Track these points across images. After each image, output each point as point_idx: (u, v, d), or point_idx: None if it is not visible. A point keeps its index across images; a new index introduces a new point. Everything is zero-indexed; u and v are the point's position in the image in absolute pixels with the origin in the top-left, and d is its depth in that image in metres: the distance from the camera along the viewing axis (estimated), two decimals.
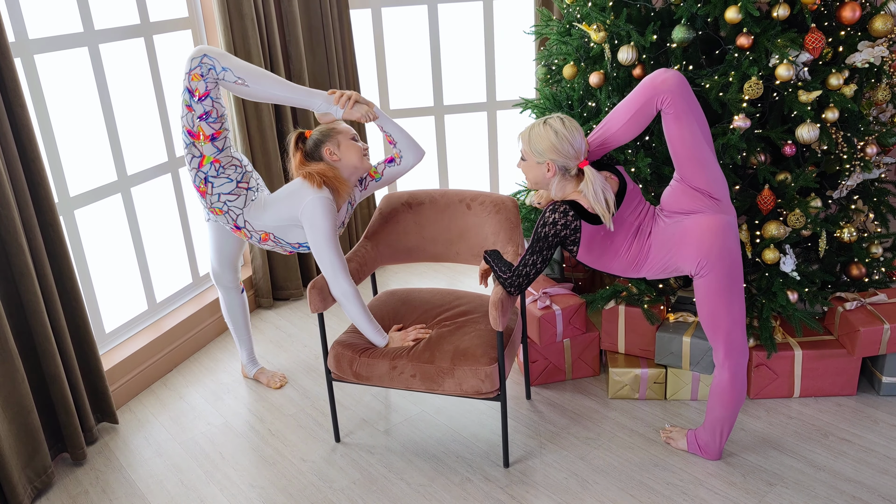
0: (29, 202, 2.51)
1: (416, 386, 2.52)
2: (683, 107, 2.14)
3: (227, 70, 2.44)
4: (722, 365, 2.37)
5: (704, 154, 2.19)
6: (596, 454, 2.64)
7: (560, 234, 2.22)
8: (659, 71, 2.16)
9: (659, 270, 2.34)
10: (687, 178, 2.23)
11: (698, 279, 2.28)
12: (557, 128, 2.19)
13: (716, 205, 2.24)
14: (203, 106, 2.47)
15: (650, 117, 2.21)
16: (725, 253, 2.23)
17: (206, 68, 2.43)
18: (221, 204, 2.61)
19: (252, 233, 2.65)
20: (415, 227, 2.92)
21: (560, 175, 2.23)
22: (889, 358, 2.79)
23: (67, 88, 3.01)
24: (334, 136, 2.58)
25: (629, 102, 2.20)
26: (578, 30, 2.95)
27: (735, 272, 2.25)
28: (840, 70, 2.63)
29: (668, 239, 2.28)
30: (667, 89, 2.12)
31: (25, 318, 2.56)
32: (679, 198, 2.27)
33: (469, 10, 4.31)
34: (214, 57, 2.43)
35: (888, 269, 2.99)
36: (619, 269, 2.36)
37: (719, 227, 2.23)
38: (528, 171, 2.29)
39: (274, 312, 3.91)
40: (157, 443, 2.87)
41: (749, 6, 2.50)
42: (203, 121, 2.49)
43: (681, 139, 2.17)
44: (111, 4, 3.16)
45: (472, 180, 4.71)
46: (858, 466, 2.50)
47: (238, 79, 2.45)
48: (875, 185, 3.02)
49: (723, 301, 2.27)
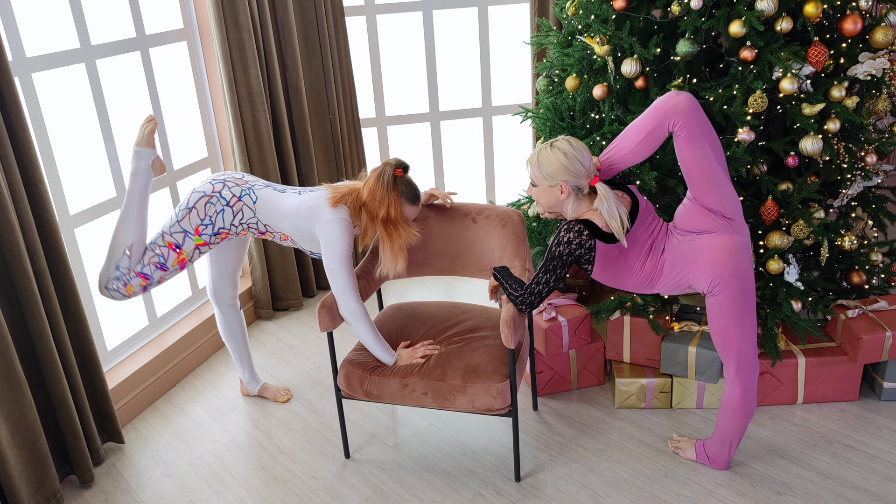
0: (32, 226, 2.48)
1: (428, 403, 2.52)
2: (695, 129, 2.15)
3: (117, 267, 2.58)
4: (733, 380, 2.39)
5: (717, 175, 2.20)
6: (606, 466, 2.66)
7: (575, 253, 2.23)
8: (670, 94, 2.17)
9: (672, 287, 2.36)
10: (700, 199, 2.25)
11: (710, 298, 2.30)
12: (565, 149, 2.20)
13: (729, 224, 2.26)
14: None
15: (661, 139, 2.22)
16: (738, 273, 2.25)
17: (119, 287, 2.59)
18: (243, 226, 2.66)
19: (274, 233, 2.68)
20: (420, 242, 2.91)
21: (574, 195, 2.24)
22: (890, 364, 2.84)
23: (64, 105, 2.97)
24: (415, 210, 2.60)
25: (641, 124, 2.21)
26: (581, 42, 2.95)
27: (748, 291, 2.27)
28: (841, 81, 2.65)
29: (681, 257, 2.30)
30: (678, 112, 2.13)
31: (31, 342, 2.53)
32: (692, 217, 2.28)
33: (464, 15, 4.30)
34: (106, 280, 2.59)
35: (888, 276, 3.04)
36: (633, 286, 2.38)
37: (733, 247, 2.24)
38: (540, 196, 2.29)
39: (274, 324, 3.90)
40: (165, 462, 2.86)
41: (753, 20, 2.52)
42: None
43: (694, 161, 2.18)
44: (106, 19, 3.12)
45: (468, 186, 4.71)
46: (864, 474, 2.54)
47: (125, 251, 2.59)
48: (873, 192, 3.06)
49: (735, 319, 2.29)
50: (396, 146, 4.55)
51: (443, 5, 4.17)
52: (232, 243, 2.87)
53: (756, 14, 2.53)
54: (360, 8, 4.12)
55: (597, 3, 2.87)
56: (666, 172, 2.81)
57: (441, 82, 4.42)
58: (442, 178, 4.57)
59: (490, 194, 4.70)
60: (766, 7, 2.52)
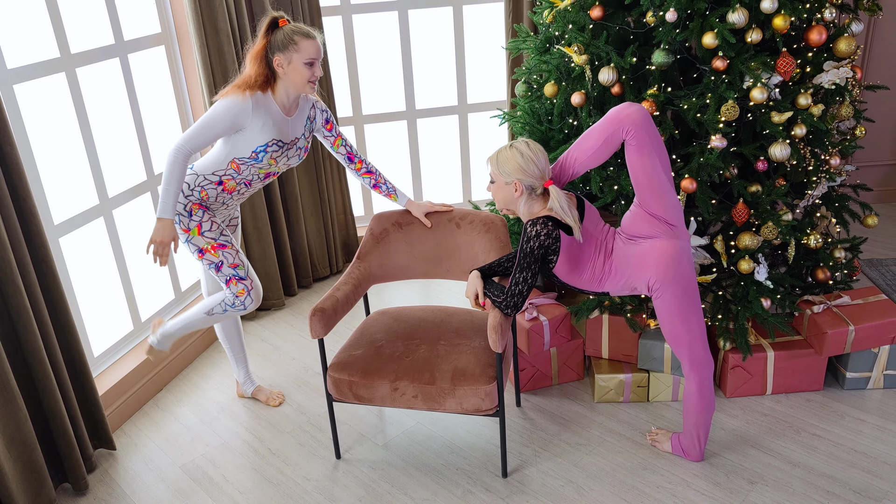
0: (21, 240, 2.49)
1: (418, 406, 2.61)
2: (645, 139, 2.27)
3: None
4: (689, 376, 2.54)
5: (663, 183, 2.33)
6: (588, 460, 2.79)
7: (544, 244, 2.34)
8: (624, 105, 2.29)
9: (620, 287, 2.49)
10: (645, 205, 2.38)
11: (655, 299, 2.44)
12: (523, 150, 2.33)
13: (671, 230, 2.39)
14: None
15: (617, 146, 2.35)
16: (679, 276, 2.38)
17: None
18: (199, 189, 2.71)
19: (233, 175, 2.71)
20: (405, 247, 2.99)
21: (527, 194, 2.36)
22: (853, 356, 3.00)
23: (45, 114, 2.96)
24: (290, 51, 2.54)
25: (596, 132, 2.34)
26: (559, 50, 3.03)
27: (690, 292, 2.41)
28: (807, 90, 2.78)
29: (627, 259, 2.43)
30: (631, 122, 2.26)
31: (24, 355, 2.56)
32: (637, 222, 2.41)
33: (439, 15, 4.34)
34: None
35: (850, 271, 3.20)
36: (585, 283, 2.50)
37: (674, 252, 2.38)
38: (497, 192, 2.42)
39: (258, 324, 3.94)
40: (158, 467, 2.91)
41: (725, 32, 2.62)
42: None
43: (642, 168, 2.31)
44: (85, 26, 3.11)
45: (444, 183, 4.78)
46: (830, 461, 2.70)
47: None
48: (836, 191, 3.21)
49: (680, 319, 2.43)
50: (374, 144, 4.60)
51: (418, 5, 4.21)
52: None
53: (728, 26, 2.64)
54: (336, 8, 4.14)
55: (574, 11, 2.94)
56: None
57: (417, 81, 4.47)
58: (419, 174, 4.63)
59: (466, 191, 4.77)
60: (737, 19, 2.63)
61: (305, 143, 2.80)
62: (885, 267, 3.99)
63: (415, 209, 2.94)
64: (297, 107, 2.72)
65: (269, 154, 2.65)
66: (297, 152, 2.77)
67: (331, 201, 4.29)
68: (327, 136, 2.88)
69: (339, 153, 2.91)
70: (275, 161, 2.70)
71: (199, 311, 2.83)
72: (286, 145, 2.69)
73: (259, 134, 2.60)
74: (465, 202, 4.79)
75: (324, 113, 2.84)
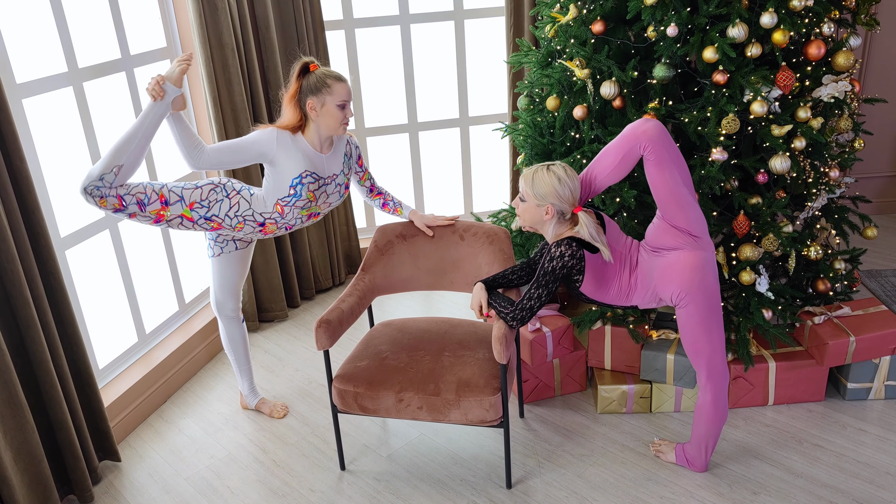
0: (30, 253, 2.51)
1: (423, 417, 2.63)
2: (663, 154, 2.30)
3: (102, 176, 2.52)
4: (704, 387, 2.55)
5: (684, 196, 2.35)
6: (592, 471, 2.80)
7: (567, 265, 2.36)
8: (640, 121, 2.31)
9: (646, 299, 2.51)
10: (668, 218, 2.40)
11: (679, 309, 2.45)
12: (560, 175, 2.33)
13: (695, 242, 2.41)
14: (149, 220, 2.65)
15: (635, 161, 2.37)
16: (704, 286, 2.40)
17: (98, 194, 2.53)
18: (238, 219, 2.72)
19: (276, 220, 2.75)
20: (409, 258, 3.01)
21: (557, 218, 2.37)
22: (854, 366, 3.02)
23: (53, 127, 2.99)
24: (323, 94, 2.60)
25: (614, 149, 2.36)
26: (560, 64, 3.07)
27: (713, 303, 2.43)
28: (807, 103, 2.81)
29: (652, 271, 2.45)
30: (648, 138, 2.28)
31: (31, 368, 2.57)
32: (661, 235, 2.43)
33: (441, 29, 4.39)
34: (87, 180, 2.52)
35: (850, 282, 3.22)
36: (614, 298, 2.52)
37: (699, 263, 2.40)
38: (525, 212, 2.42)
39: (261, 335, 3.96)
40: (163, 479, 2.92)
41: (725, 47, 2.66)
42: (188, 223, 2.71)
43: (662, 183, 2.33)
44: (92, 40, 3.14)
45: (446, 195, 4.81)
46: (832, 472, 2.72)
47: (113, 167, 2.53)
48: (835, 203, 3.24)
49: (703, 329, 2.45)
50: (376, 156, 4.63)
51: (420, 19, 4.25)
52: (235, 257, 2.93)
53: (728, 41, 2.67)
54: (339, 22, 4.18)
55: (576, 26, 2.98)
56: (643, 189, 2.95)
57: (419, 94, 4.50)
58: (421, 187, 4.66)
59: (468, 203, 4.80)
60: (737, 34, 2.67)
61: (345, 180, 2.87)
62: (885, 278, 4.02)
63: (417, 219, 2.97)
64: (332, 145, 2.78)
65: (307, 187, 2.69)
66: (337, 189, 2.82)
67: (333, 213, 4.31)
68: (358, 171, 2.96)
69: (364, 186, 3.01)
70: (314, 196, 2.73)
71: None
72: (323, 180, 2.74)
73: (289, 162, 2.65)
74: (466, 214, 4.82)
75: (357, 149, 2.93)
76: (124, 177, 2.57)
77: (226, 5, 3.41)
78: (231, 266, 2.96)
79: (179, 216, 2.68)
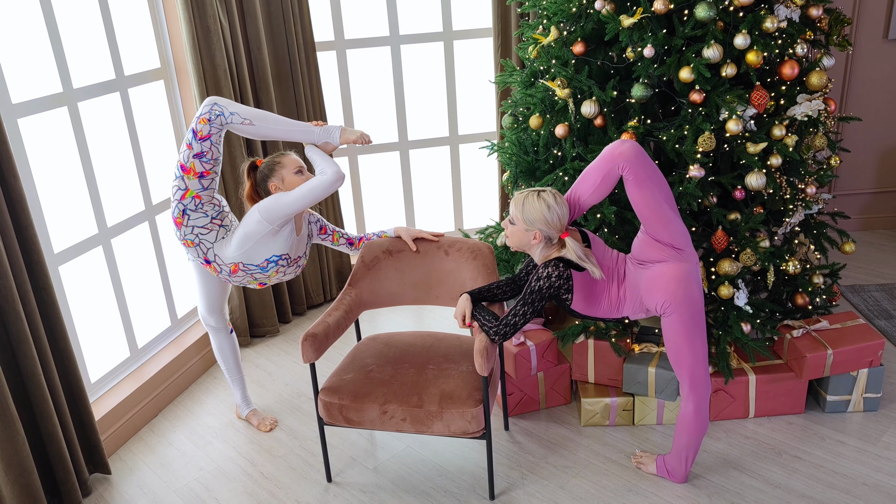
0: (23, 268, 2.58)
1: (407, 429, 2.68)
2: (641, 173, 2.37)
3: (234, 114, 2.70)
4: (687, 397, 2.60)
5: (666, 213, 2.42)
6: (574, 483, 2.84)
7: (555, 285, 2.42)
8: (618, 142, 2.39)
9: (635, 311, 2.57)
10: (651, 233, 2.46)
11: (664, 318, 2.51)
12: (550, 202, 2.40)
13: (679, 254, 2.47)
14: (202, 146, 2.70)
15: (615, 181, 2.44)
16: (688, 297, 2.46)
17: (215, 114, 2.69)
18: (194, 236, 2.79)
19: (222, 266, 2.84)
20: (395, 273, 3.07)
21: (544, 243, 2.44)
22: (833, 379, 3.07)
23: (47, 146, 3.06)
24: (278, 172, 2.81)
25: (594, 171, 2.43)
26: (543, 84, 3.15)
27: (697, 315, 2.49)
28: (782, 121, 2.89)
29: (639, 282, 2.51)
30: (625, 160, 2.35)
31: (23, 381, 2.63)
32: (646, 248, 2.50)
33: (431, 50, 4.48)
34: (223, 105, 2.70)
35: (829, 296, 3.28)
36: (604, 312, 2.58)
37: (682, 275, 2.46)
38: (514, 234, 2.49)
39: (252, 350, 4.01)
40: (153, 491, 2.96)
41: (700, 67, 2.74)
42: (198, 159, 2.72)
43: (643, 201, 2.40)
44: (86, 62, 3.23)
45: (436, 212, 4.88)
46: (810, 482, 2.76)
47: (245, 119, 2.70)
48: (814, 219, 3.31)
49: (685, 339, 2.50)
50: (367, 175, 4.71)
51: (410, 41, 4.35)
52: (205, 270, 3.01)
53: (703, 61, 2.75)
54: (330, 43, 4.28)
55: (557, 47, 3.07)
56: (624, 206, 3.02)
57: (409, 113, 4.59)
58: (411, 204, 4.73)
59: (458, 220, 4.88)
60: (712, 55, 2.75)
61: (304, 262, 3.01)
62: (868, 293, 4.08)
63: (404, 233, 3.04)
64: (303, 226, 2.93)
65: (277, 265, 2.84)
66: (296, 270, 2.96)
67: None
68: (325, 238, 3.08)
69: (340, 244, 3.12)
70: (276, 273, 2.88)
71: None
72: (291, 261, 2.88)
73: (278, 240, 2.78)
74: (456, 231, 4.89)
75: (317, 223, 3.05)
76: (244, 130, 2.73)
77: (218, 27, 3.50)
78: (213, 282, 3.03)
79: (189, 196, 2.77)
